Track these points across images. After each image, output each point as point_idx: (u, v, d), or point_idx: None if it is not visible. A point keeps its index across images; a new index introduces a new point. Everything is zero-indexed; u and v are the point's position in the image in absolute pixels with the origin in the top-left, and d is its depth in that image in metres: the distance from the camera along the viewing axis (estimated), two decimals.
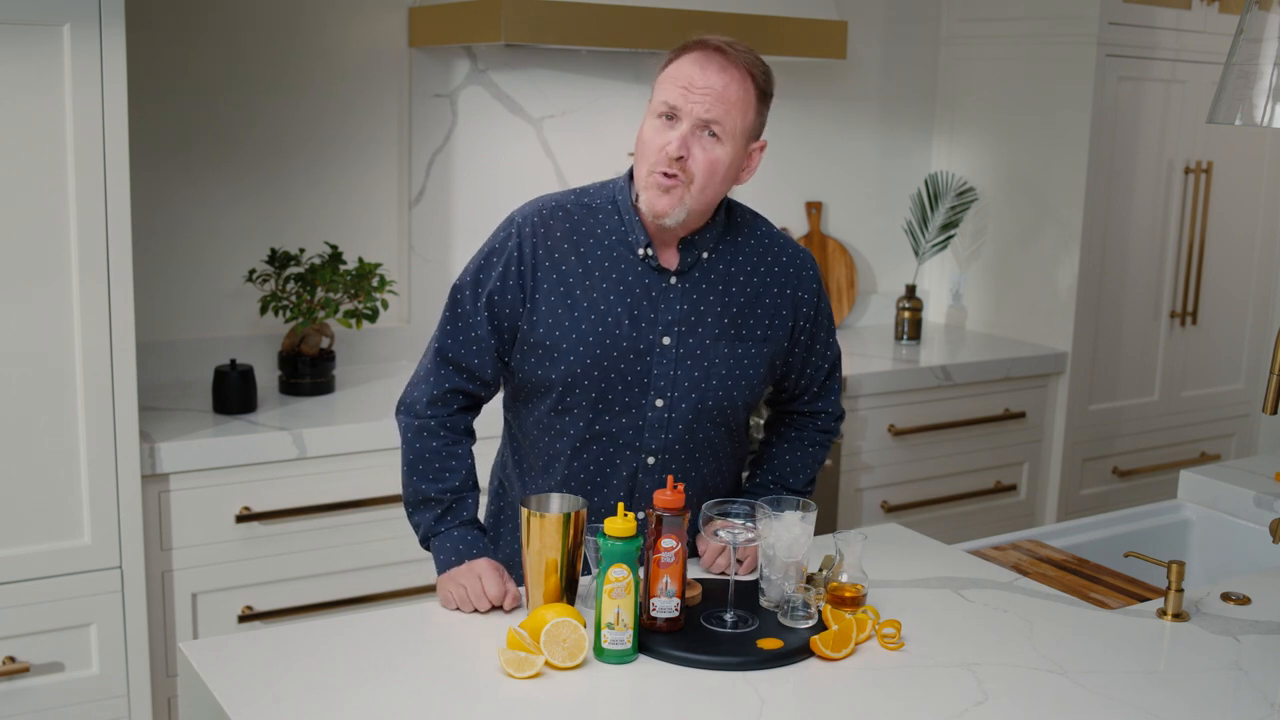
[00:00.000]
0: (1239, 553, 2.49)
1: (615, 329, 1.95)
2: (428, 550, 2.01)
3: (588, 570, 1.90)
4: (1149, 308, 4.03)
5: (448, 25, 3.13)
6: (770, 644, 1.76)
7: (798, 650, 1.76)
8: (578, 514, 1.82)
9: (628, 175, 2.00)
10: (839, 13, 3.58)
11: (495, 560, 1.95)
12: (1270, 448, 4.36)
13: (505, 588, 1.89)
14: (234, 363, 2.88)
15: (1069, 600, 2.01)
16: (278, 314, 3.07)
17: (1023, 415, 3.82)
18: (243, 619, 2.73)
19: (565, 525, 1.80)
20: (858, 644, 1.79)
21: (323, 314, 3.03)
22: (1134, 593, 2.09)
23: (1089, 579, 2.15)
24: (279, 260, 3.04)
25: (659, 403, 1.98)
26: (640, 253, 1.96)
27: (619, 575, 1.71)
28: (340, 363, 3.25)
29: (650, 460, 2.00)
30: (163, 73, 3.03)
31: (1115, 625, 1.92)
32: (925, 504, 3.69)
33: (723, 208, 2.01)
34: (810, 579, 1.91)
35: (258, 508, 2.71)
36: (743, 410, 2.06)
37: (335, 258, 3.07)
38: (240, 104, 3.13)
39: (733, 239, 2.02)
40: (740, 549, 1.91)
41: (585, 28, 3.01)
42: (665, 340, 1.97)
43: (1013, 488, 3.88)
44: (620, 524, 1.72)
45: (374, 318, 3.06)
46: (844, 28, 3.41)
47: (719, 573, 2.03)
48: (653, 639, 1.76)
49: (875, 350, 3.79)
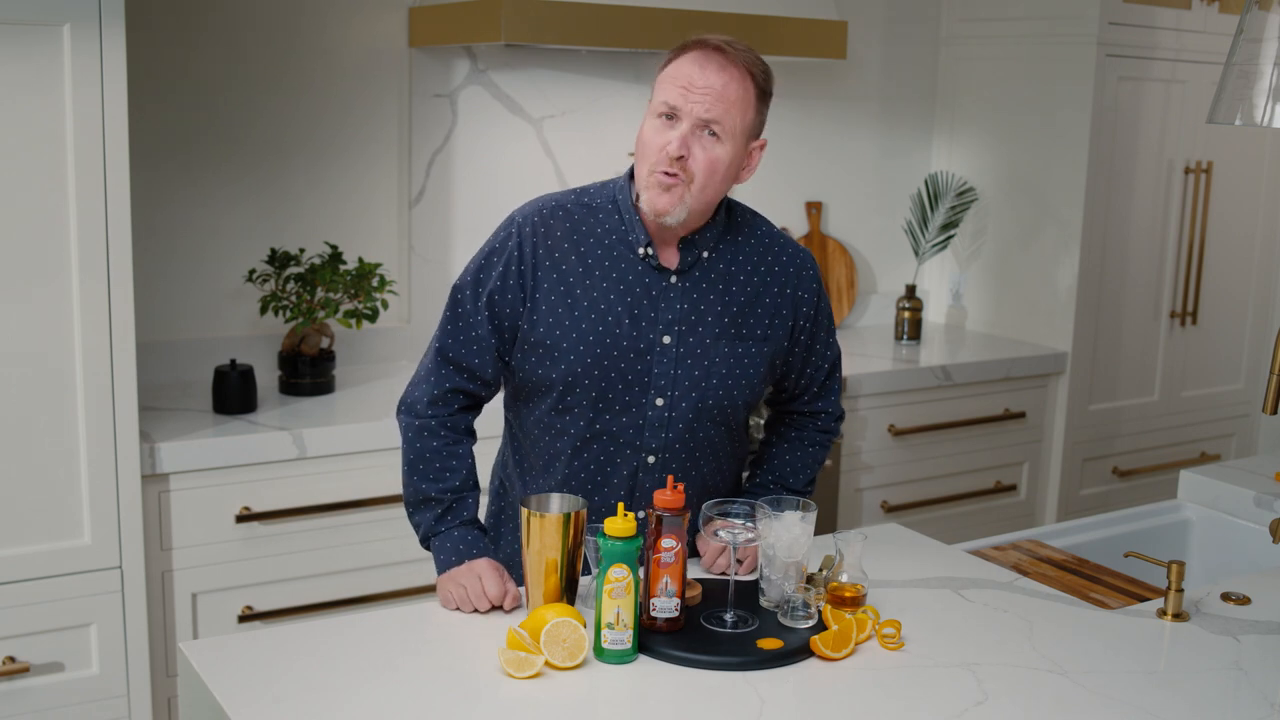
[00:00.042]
0: (1239, 553, 2.49)
1: (616, 328, 1.95)
2: (428, 550, 2.01)
3: (588, 570, 1.90)
4: (1149, 308, 4.03)
5: (448, 25, 3.13)
6: (770, 644, 1.76)
7: (798, 650, 1.76)
8: (578, 514, 1.82)
9: (628, 175, 2.00)
10: (839, 13, 3.58)
11: (495, 560, 1.95)
12: (1270, 448, 4.36)
13: (505, 588, 1.89)
14: (234, 363, 2.88)
15: (1069, 600, 2.01)
16: (278, 314, 3.07)
17: (1023, 415, 3.82)
18: (243, 619, 2.73)
19: (565, 525, 1.80)
20: (858, 644, 1.79)
21: (323, 314, 3.03)
22: (1134, 593, 2.09)
23: (1089, 579, 2.15)
24: (279, 260, 3.04)
25: (659, 402, 1.98)
26: (640, 252, 1.96)
27: (619, 575, 1.71)
28: (340, 363, 3.25)
29: (651, 459, 2.00)
30: (163, 73, 3.03)
31: (1115, 625, 1.92)
32: (925, 504, 3.69)
33: (723, 207, 2.01)
34: (810, 579, 1.91)
35: (258, 508, 2.71)
36: (743, 409, 2.06)
37: (335, 258, 3.07)
38: (240, 104, 3.13)
39: (733, 238, 2.03)
40: (740, 549, 1.91)
41: (585, 28, 3.01)
42: (665, 339, 1.97)
43: (1013, 488, 3.88)
44: (620, 524, 1.72)
45: (374, 318, 3.06)
46: (844, 28, 3.41)
47: (719, 573, 2.03)
48: (653, 639, 1.76)
49: (875, 350, 3.79)
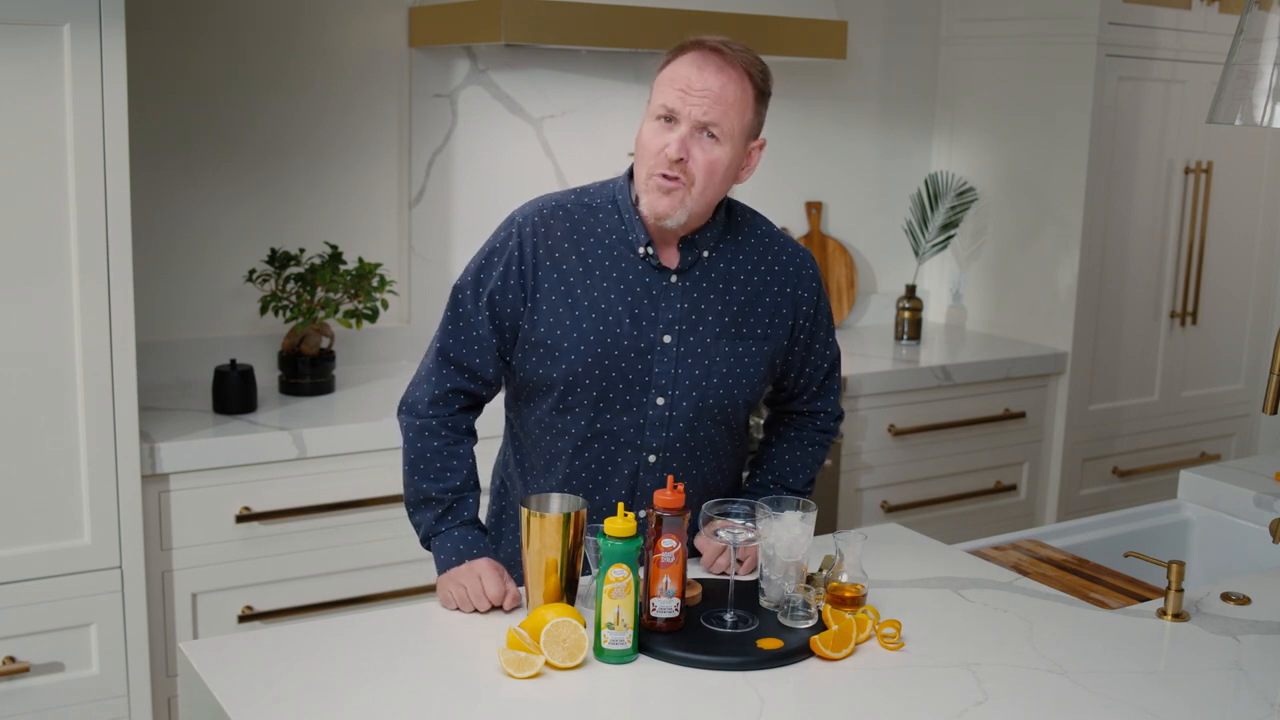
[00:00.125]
0: (1239, 553, 2.49)
1: (616, 328, 1.95)
2: (428, 550, 2.01)
3: (588, 570, 1.90)
4: (1149, 308, 4.03)
5: (448, 25, 3.13)
6: (770, 644, 1.76)
7: (798, 650, 1.76)
8: (578, 514, 1.82)
9: (627, 175, 2.00)
10: (839, 13, 3.58)
11: (495, 560, 1.95)
12: (1270, 448, 4.36)
13: (505, 588, 1.89)
14: (234, 363, 2.88)
15: (1069, 600, 2.01)
16: (278, 314, 3.07)
17: (1023, 415, 3.82)
18: (243, 619, 2.73)
19: (565, 525, 1.80)
20: (858, 644, 1.79)
21: (323, 314, 3.03)
22: (1134, 593, 2.09)
23: (1089, 579, 2.15)
24: (279, 260, 3.04)
25: (660, 401, 1.98)
26: (641, 252, 1.96)
27: (619, 575, 1.71)
28: (340, 363, 3.25)
29: (651, 459, 2.01)
30: (163, 73, 3.03)
31: (1115, 625, 1.92)
32: (925, 504, 3.69)
33: (723, 207, 2.01)
34: (810, 579, 1.91)
35: (258, 508, 2.71)
36: (743, 409, 2.06)
37: (335, 258, 3.07)
38: (240, 104, 3.13)
39: (733, 238, 2.03)
40: (740, 549, 1.91)
41: (585, 28, 3.01)
42: (666, 339, 1.97)
43: (1013, 488, 3.88)
44: (620, 524, 1.72)
45: (374, 318, 3.06)
46: (844, 28, 3.41)
47: (719, 573, 2.03)
48: (653, 639, 1.76)
49: (875, 350, 3.79)
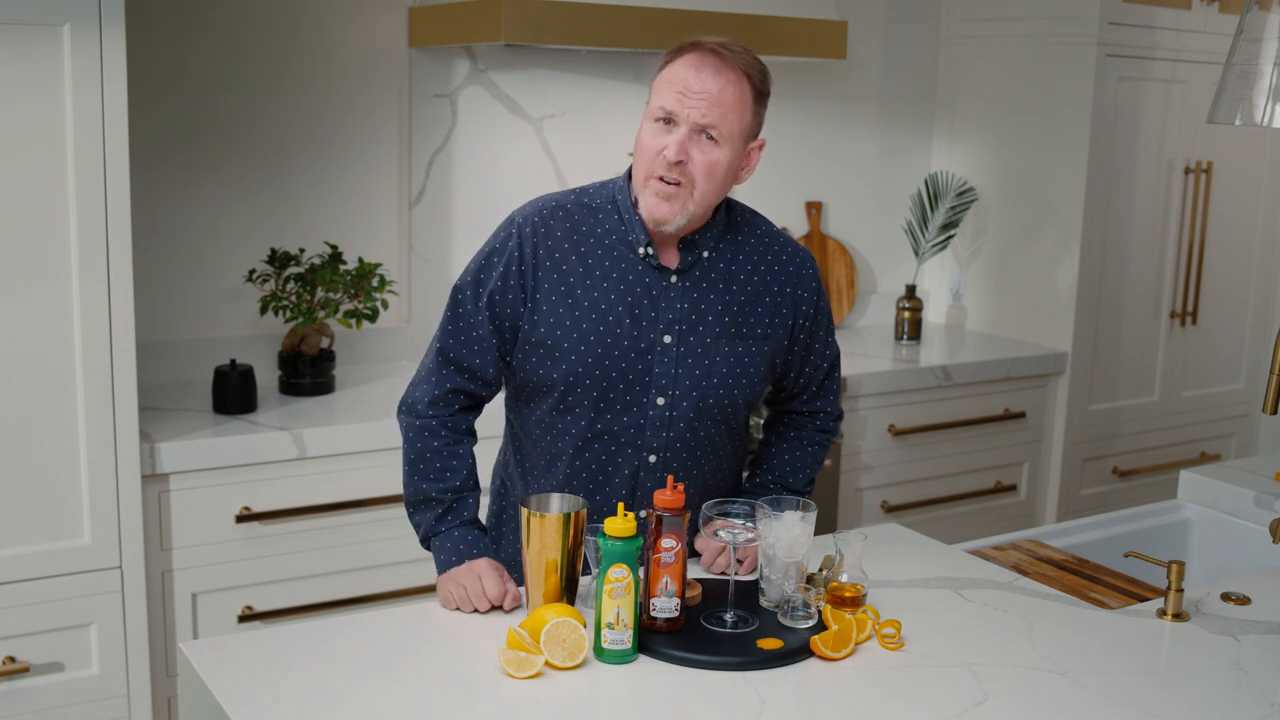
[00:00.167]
0: (1239, 553, 2.49)
1: (616, 328, 1.95)
2: (428, 550, 2.01)
3: (588, 570, 1.90)
4: (1149, 308, 4.03)
5: (448, 25, 3.13)
6: (770, 644, 1.76)
7: (798, 650, 1.76)
8: (578, 514, 1.82)
9: (626, 175, 2.00)
10: (839, 13, 3.57)
11: (495, 560, 1.95)
12: (1270, 448, 4.36)
13: (505, 588, 1.89)
14: (234, 363, 2.88)
15: (1069, 600, 2.01)
16: (278, 314, 3.07)
17: (1023, 415, 3.82)
18: (243, 619, 2.73)
19: (565, 525, 1.80)
20: (858, 644, 1.79)
21: (323, 314, 3.03)
22: (1134, 593, 2.09)
23: (1089, 579, 2.15)
24: (279, 260, 3.04)
25: (660, 401, 1.98)
26: (641, 252, 1.96)
27: (619, 575, 1.71)
28: (340, 363, 3.25)
29: (652, 459, 2.01)
30: (163, 73, 3.03)
31: (1115, 625, 1.92)
32: (925, 504, 3.69)
33: (722, 207, 2.01)
34: (810, 579, 1.91)
35: (258, 508, 2.71)
36: (743, 408, 2.06)
37: (335, 258, 3.07)
38: (240, 104, 3.13)
39: (733, 238, 2.03)
40: (740, 549, 1.91)
41: (585, 28, 3.01)
42: (666, 339, 1.97)
43: (1013, 488, 3.88)
44: (620, 524, 1.72)
45: (374, 318, 3.06)
46: (844, 28, 3.41)
47: (719, 573, 2.03)
48: (653, 639, 1.76)
49: (875, 350, 3.79)
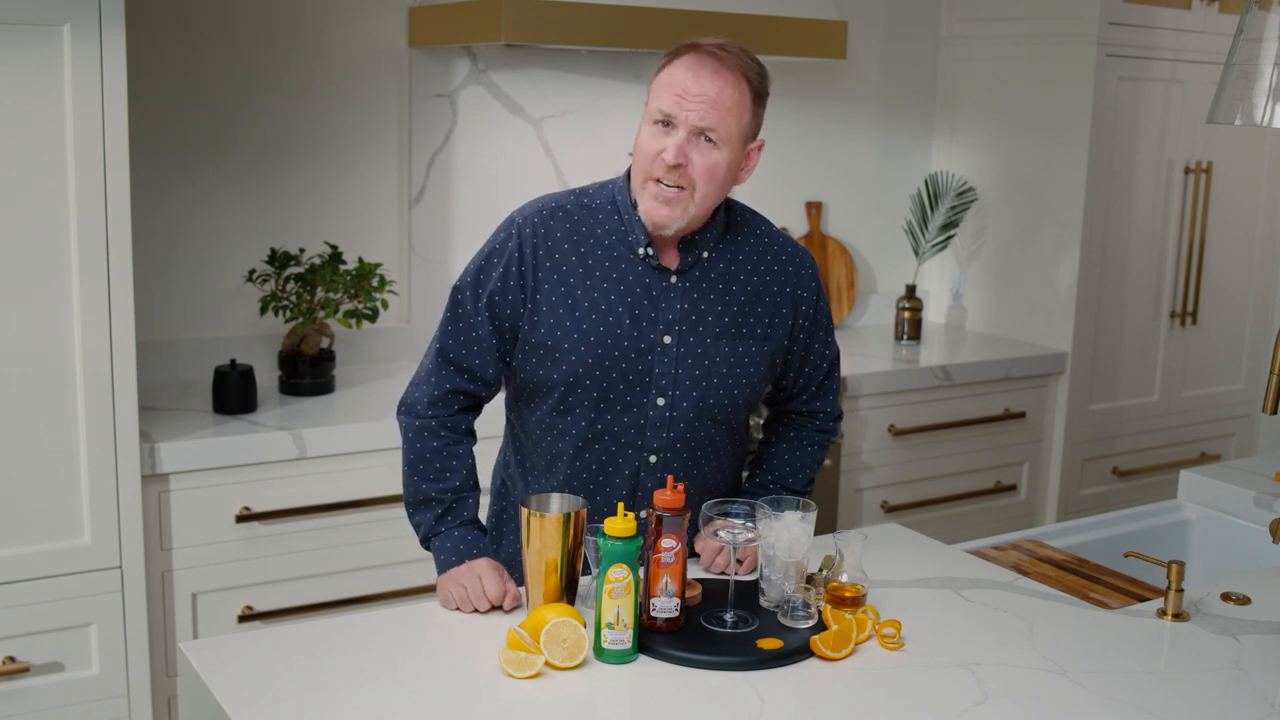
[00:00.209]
0: (1239, 553, 2.49)
1: (616, 328, 1.95)
2: (428, 550, 2.01)
3: (588, 570, 1.90)
4: (1149, 308, 4.03)
5: (448, 25, 3.13)
6: (770, 644, 1.76)
7: (798, 650, 1.76)
8: (578, 514, 1.82)
9: (626, 175, 2.00)
10: (839, 13, 3.57)
11: (495, 560, 1.95)
12: (1270, 448, 4.36)
13: (505, 588, 1.89)
14: (234, 363, 2.88)
15: (1069, 600, 2.01)
16: (278, 314, 3.07)
17: (1023, 415, 3.82)
18: (243, 619, 2.73)
19: (565, 525, 1.80)
20: (858, 644, 1.79)
21: (323, 314, 3.03)
22: (1134, 593, 2.09)
23: (1089, 579, 2.15)
24: (279, 260, 3.04)
25: (660, 401, 1.98)
26: (641, 252, 1.96)
27: (619, 575, 1.71)
28: (340, 363, 3.25)
29: (652, 459, 2.01)
30: (163, 73, 3.03)
31: (1115, 625, 1.92)
32: (925, 504, 3.69)
33: (722, 207, 2.01)
34: (810, 579, 1.91)
35: (258, 508, 2.71)
36: (744, 408, 2.06)
37: (335, 258, 3.07)
38: (240, 104, 3.13)
39: (732, 238, 2.03)
40: (740, 549, 1.91)
41: (585, 28, 3.01)
42: (666, 339, 1.97)
43: (1013, 488, 3.88)
44: (620, 524, 1.72)
45: (374, 318, 3.06)
46: (844, 28, 3.41)
47: (719, 573, 2.03)
48: (653, 639, 1.76)
49: (875, 350, 3.79)
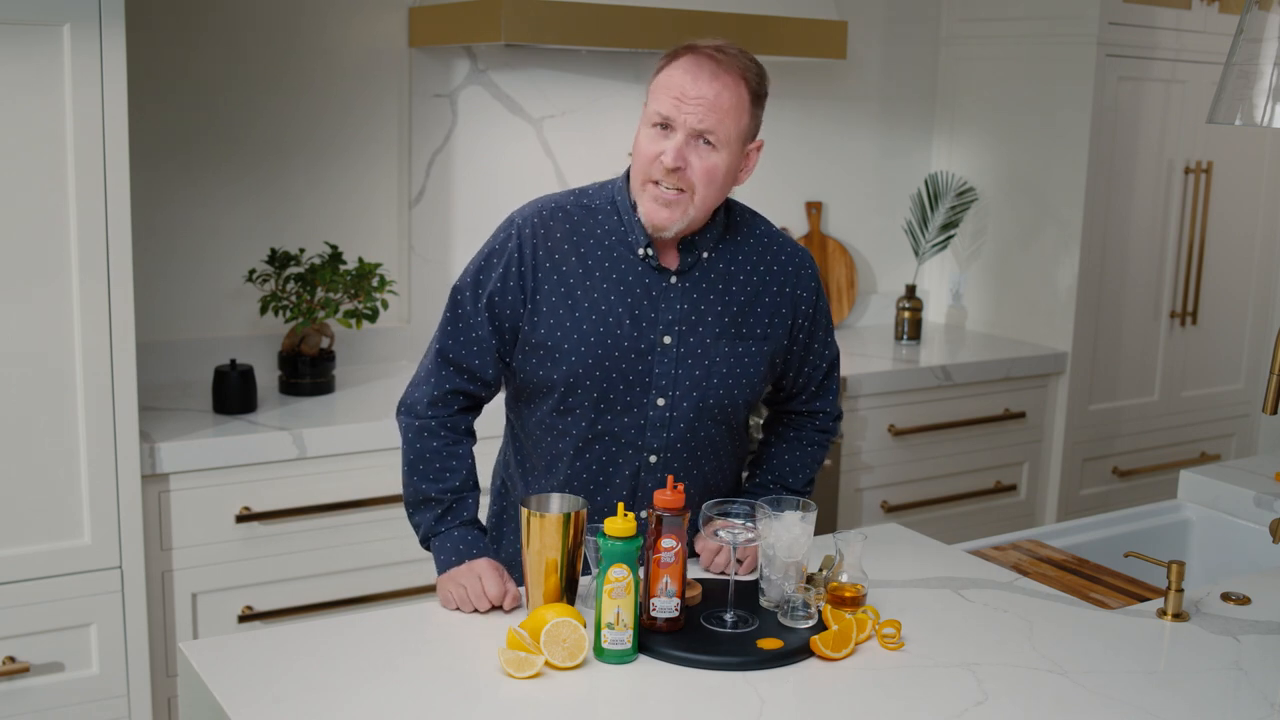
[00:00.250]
0: (1239, 553, 2.49)
1: (616, 329, 1.95)
2: (428, 550, 2.01)
3: (588, 570, 1.90)
4: (1149, 308, 4.03)
5: (448, 25, 3.13)
6: (770, 644, 1.76)
7: (798, 650, 1.76)
8: (578, 514, 1.82)
9: (625, 175, 2.00)
10: (839, 13, 3.57)
11: (495, 560, 1.95)
12: (1270, 448, 4.36)
13: (505, 587, 1.89)
14: (234, 363, 2.88)
15: (1069, 600, 2.01)
16: (278, 314, 3.07)
17: (1023, 415, 3.82)
18: (243, 619, 2.73)
19: (565, 525, 1.80)
20: (858, 644, 1.79)
21: (323, 314, 3.03)
22: (1134, 593, 2.09)
23: (1089, 579, 2.15)
24: (279, 260, 3.04)
25: (660, 402, 1.98)
26: (640, 253, 1.96)
27: (619, 575, 1.71)
28: (340, 363, 3.25)
29: (653, 459, 2.01)
30: (163, 73, 3.03)
31: (1115, 625, 1.92)
32: (925, 504, 3.69)
33: (722, 208, 2.01)
34: (810, 579, 1.91)
35: (258, 508, 2.71)
36: (743, 408, 2.06)
37: (335, 258, 3.07)
38: (240, 104, 3.13)
39: (732, 238, 2.03)
40: (740, 549, 1.91)
41: (585, 28, 3.01)
42: (666, 339, 1.97)
43: (1013, 488, 3.88)
44: (620, 524, 1.72)
45: (374, 318, 3.06)
46: (844, 28, 3.41)
47: (719, 572, 2.03)
48: (653, 639, 1.76)
49: (875, 350, 3.79)
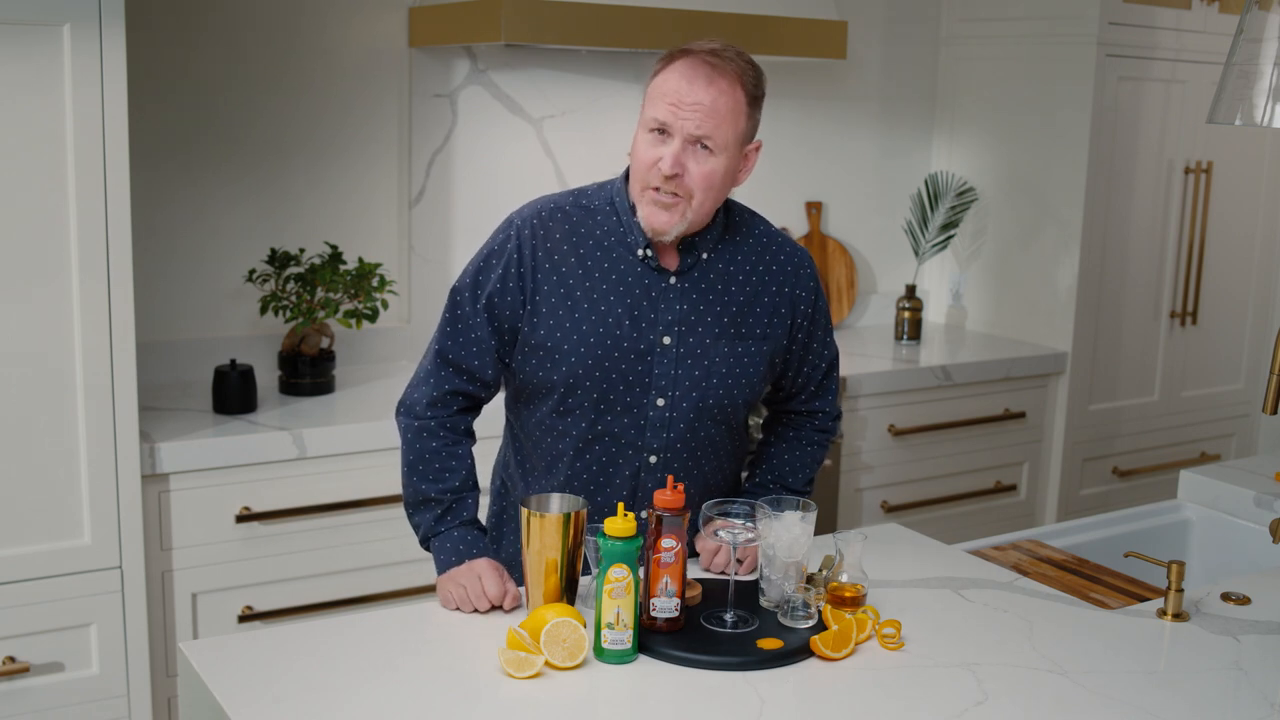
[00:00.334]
0: (1239, 553, 2.49)
1: (616, 330, 1.95)
2: (428, 551, 2.01)
3: (588, 570, 1.90)
4: (1149, 308, 4.03)
5: (448, 25, 3.13)
6: (770, 644, 1.76)
7: (798, 650, 1.76)
8: (578, 514, 1.82)
9: (624, 176, 2.00)
10: (839, 13, 3.57)
11: (495, 560, 1.95)
12: (1270, 448, 4.36)
13: (505, 587, 1.89)
14: (234, 363, 2.88)
15: (1069, 600, 2.01)
16: (278, 314, 3.07)
17: (1023, 415, 3.82)
18: (243, 619, 2.73)
19: (565, 525, 1.80)
20: (858, 644, 1.79)
21: (323, 314, 3.03)
22: (1134, 593, 2.09)
23: (1089, 579, 2.15)
24: (279, 260, 3.04)
25: (660, 402, 1.98)
26: (640, 254, 1.96)
27: (619, 575, 1.71)
28: (340, 363, 3.25)
29: (652, 459, 2.01)
30: (163, 73, 3.03)
31: (1115, 625, 1.92)
32: (925, 504, 3.69)
33: (721, 208, 2.01)
34: (810, 579, 1.91)
35: (258, 508, 2.71)
36: (743, 408, 2.06)
37: (335, 258, 3.07)
38: (240, 104, 3.13)
39: (731, 238, 2.03)
40: (740, 549, 1.91)
41: (585, 28, 3.01)
42: (665, 340, 1.97)
43: (1013, 488, 3.88)
44: (620, 524, 1.72)
45: (374, 318, 3.06)
46: (844, 28, 3.41)
47: (719, 572, 2.03)
48: (653, 639, 1.76)
49: (875, 350, 3.79)
